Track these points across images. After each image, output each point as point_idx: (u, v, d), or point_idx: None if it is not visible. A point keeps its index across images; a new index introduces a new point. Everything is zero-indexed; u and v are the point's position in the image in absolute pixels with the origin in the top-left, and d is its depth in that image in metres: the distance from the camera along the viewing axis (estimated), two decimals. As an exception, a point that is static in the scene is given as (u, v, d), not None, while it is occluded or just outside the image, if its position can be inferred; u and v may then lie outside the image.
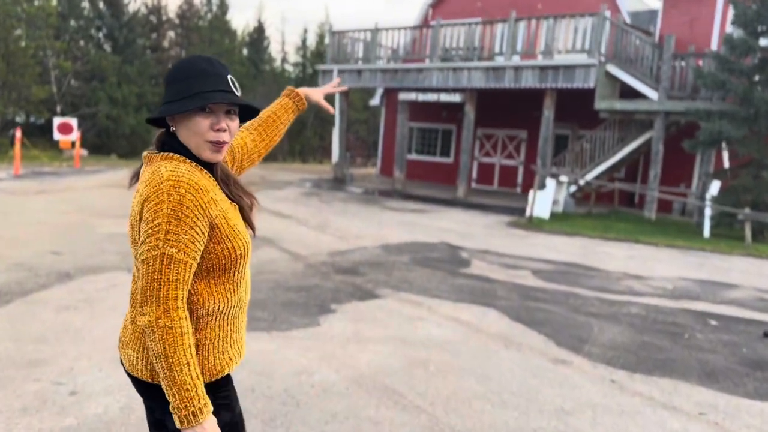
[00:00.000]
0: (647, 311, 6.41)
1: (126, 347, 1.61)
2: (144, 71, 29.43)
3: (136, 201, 1.53)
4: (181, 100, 1.55)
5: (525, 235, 11.51)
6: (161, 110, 1.57)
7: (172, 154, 1.56)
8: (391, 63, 18.63)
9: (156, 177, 1.48)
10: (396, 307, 5.83)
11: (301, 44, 41.93)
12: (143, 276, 1.44)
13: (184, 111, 1.54)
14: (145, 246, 1.45)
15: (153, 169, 1.52)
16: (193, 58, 1.61)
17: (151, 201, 1.45)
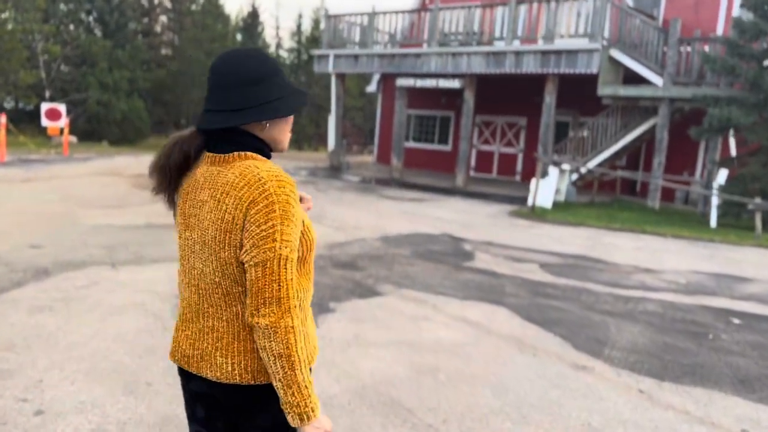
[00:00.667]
0: (664, 308, 6.04)
1: (211, 357, 1.55)
2: (135, 56, 28.78)
3: (230, 204, 1.47)
4: (289, 96, 1.57)
5: (528, 226, 11.13)
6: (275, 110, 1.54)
7: (251, 153, 1.55)
8: (389, 48, 18.12)
9: (255, 178, 1.46)
10: (399, 305, 5.43)
11: (296, 29, 41.29)
12: (259, 279, 1.44)
13: (302, 106, 1.60)
14: (260, 249, 1.44)
15: (242, 171, 1.49)
16: (257, 49, 1.61)
17: (260, 203, 1.44)
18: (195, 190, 1.55)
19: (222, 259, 1.49)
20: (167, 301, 5.07)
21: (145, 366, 3.74)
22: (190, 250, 1.57)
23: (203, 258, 1.53)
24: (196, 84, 30.92)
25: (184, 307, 1.62)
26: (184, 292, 1.61)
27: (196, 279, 1.56)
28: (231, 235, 1.47)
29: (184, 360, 1.60)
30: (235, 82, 1.51)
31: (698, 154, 16.97)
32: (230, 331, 1.53)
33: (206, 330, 1.56)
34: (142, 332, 4.30)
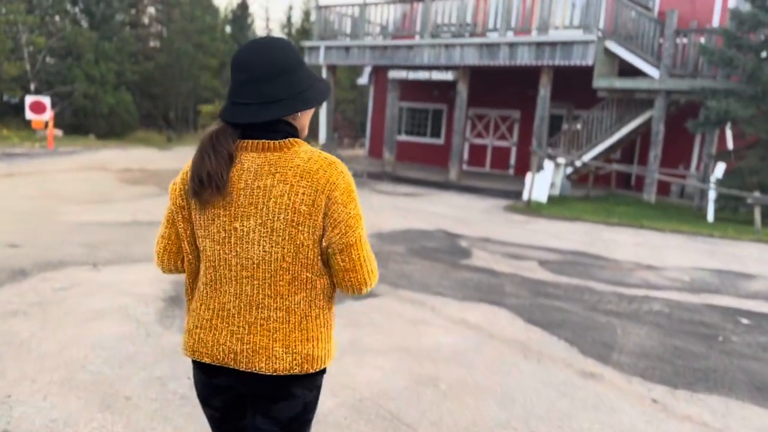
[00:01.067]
0: (670, 308, 5.82)
1: (267, 350, 1.54)
2: (123, 48, 28.27)
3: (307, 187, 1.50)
4: (318, 81, 1.62)
5: (525, 221, 10.90)
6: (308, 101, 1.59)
7: (299, 140, 1.59)
8: (381, 39, 17.80)
9: (326, 161, 1.54)
10: (396, 307, 5.18)
11: (286, 21, 40.84)
12: (357, 256, 1.55)
13: (329, 94, 1.65)
14: (353, 229, 1.53)
15: (309, 155, 1.54)
16: (281, 39, 1.61)
17: (340, 185, 1.51)
18: (246, 178, 1.52)
19: (299, 242, 1.50)
20: (151, 304, 4.80)
21: (125, 377, 3.47)
22: (242, 240, 1.53)
23: (266, 245, 1.51)
24: (185, 76, 30.47)
25: (224, 303, 1.56)
26: (226, 286, 1.56)
27: (251, 269, 1.53)
28: (311, 217, 1.50)
29: (229, 357, 1.55)
30: (272, 73, 1.53)
31: (693, 147, 16.81)
32: (291, 320, 1.54)
33: (260, 321, 1.54)
34: (122, 339, 4.03)
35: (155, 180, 12.67)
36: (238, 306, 1.55)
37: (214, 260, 1.57)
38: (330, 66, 18.89)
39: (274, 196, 1.50)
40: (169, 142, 25.89)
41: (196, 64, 30.79)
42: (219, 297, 1.57)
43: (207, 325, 1.59)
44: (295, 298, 1.54)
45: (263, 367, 1.53)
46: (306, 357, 1.54)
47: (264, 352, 1.53)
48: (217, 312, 1.57)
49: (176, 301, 4.91)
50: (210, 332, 1.58)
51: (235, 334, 1.55)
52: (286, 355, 1.53)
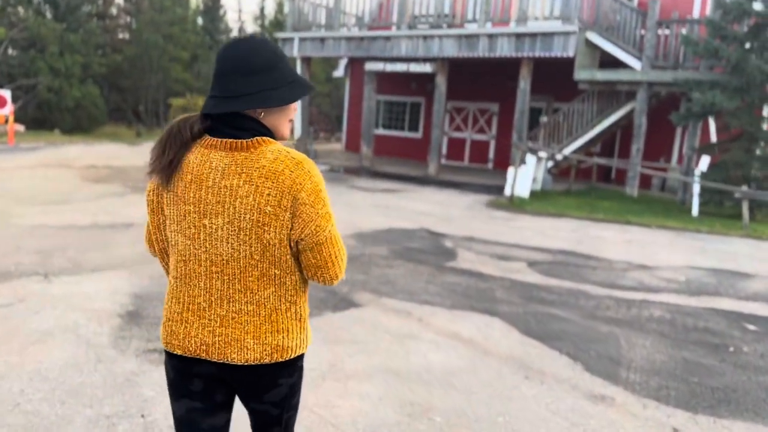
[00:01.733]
0: (671, 313, 5.46)
1: (239, 342, 1.58)
2: (89, 40, 27.30)
3: (272, 188, 1.52)
4: (290, 84, 1.62)
5: (509, 218, 10.51)
6: (286, 97, 1.60)
7: (269, 138, 1.59)
8: (355, 30, 17.26)
9: (292, 161, 1.54)
10: (379, 319, 4.72)
11: (259, 13, 40.01)
12: (330, 253, 1.62)
13: (297, 99, 1.64)
14: (323, 228, 1.57)
15: (275, 155, 1.54)
16: (265, 39, 1.63)
17: (307, 185, 1.53)
18: (214, 176, 1.54)
19: (266, 241, 1.53)
20: (105, 322, 4.27)
21: (67, 417, 2.96)
22: (210, 237, 1.56)
23: (235, 243, 1.54)
24: (155, 69, 29.58)
25: (194, 296, 1.60)
26: (196, 280, 1.59)
27: (220, 265, 1.56)
28: (277, 218, 1.52)
29: (202, 349, 1.60)
30: (234, 70, 1.55)
31: (674, 139, 16.61)
32: (261, 313, 1.58)
33: (231, 315, 1.58)
34: (68, 367, 3.51)
35: (121, 177, 12.03)
36: (209, 300, 1.58)
37: (185, 255, 1.60)
38: (304, 58, 18.32)
39: (240, 197, 1.52)
40: (139, 137, 25.05)
41: (166, 56, 29.90)
42: (189, 291, 1.61)
43: (178, 318, 1.63)
44: (264, 293, 1.58)
45: (235, 358, 1.58)
46: (275, 347, 1.59)
47: (236, 343, 1.57)
48: (187, 305, 1.61)
49: (134, 318, 4.39)
50: (181, 325, 1.62)
51: (206, 327, 1.59)
52: (256, 345, 1.58)
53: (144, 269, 5.68)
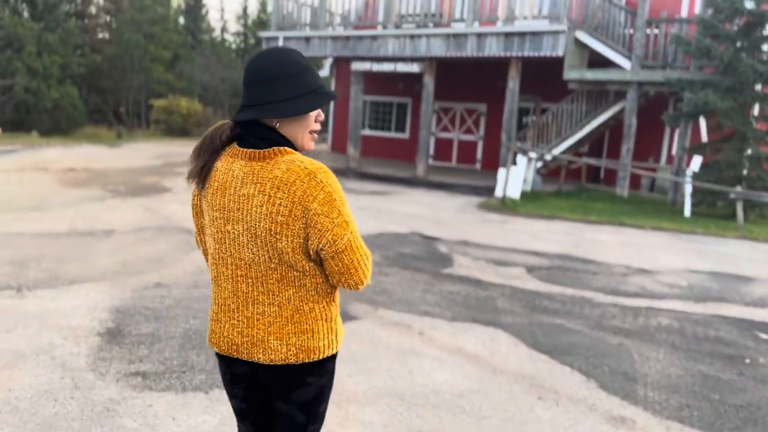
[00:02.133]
0: (679, 321, 5.24)
1: (264, 342, 1.64)
2: (68, 40, 26.72)
3: (283, 198, 1.55)
4: (308, 95, 1.63)
5: (502, 221, 10.28)
6: (295, 107, 1.61)
7: (287, 148, 1.61)
8: (340, 29, 16.96)
9: (304, 172, 1.56)
10: (378, 333, 4.45)
11: (241, 12, 39.55)
12: (353, 259, 1.63)
13: (323, 106, 1.67)
14: (341, 237, 1.59)
15: (288, 165, 1.57)
16: (290, 50, 1.65)
17: (319, 195, 1.55)
18: (235, 185, 1.61)
19: (279, 248, 1.58)
20: (83, 341, 3.95)
21: (39, 456, 2.66)
22: (234, 242, 1.63)
23: (254, 248, 1.61)
24: (136, 69, 29.02)
25: (225, 298, 1.68)
26: (225, 283, 1.68)
27: (244, 269, 1.64)
28: (288, 227, 1.57)
29: (233, 348, 1.69)
30: (254, 80, 1.60)
31: (663, 139, 16.53)
32: (283, 315, 1.64)
33: (256, 316, 1.65)
34: (41, 395, 3.20)
35: (101, 181, 11.64)
36: (236, 302, 1.66)
37: (216, 258, 1.69)
38: (289, 57, 17.96)
39: (255, 206, 1.57)
40: (120, 139, 24.54)
41: (147, 57, 29.36)
42: (221, 293, 1.69)
43: (215, 317, 1.73)
44: (285, 294, 1.62)
45: (261, 358, 1.64)
46: (301, 347, 1.63)
47: (261, 344, 1.64)
48: (221, 306, 1.70)
49: (115, 337, 4.07)
50: (218, 324, 1.72)
51: (235, 328, 1.67)
52: (281, 346, 1.62)
53: (125, 281, 5.36)
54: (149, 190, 10.99)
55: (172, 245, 6.89)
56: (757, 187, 11.67)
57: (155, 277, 5.55)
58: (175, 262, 6.18)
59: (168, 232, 7.59)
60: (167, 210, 9.09)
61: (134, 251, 6.49)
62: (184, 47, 33.35)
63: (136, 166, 14.57)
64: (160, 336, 4.12)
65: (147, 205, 9.36)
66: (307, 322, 1.64)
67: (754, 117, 12.12)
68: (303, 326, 1.63)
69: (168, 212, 8.91)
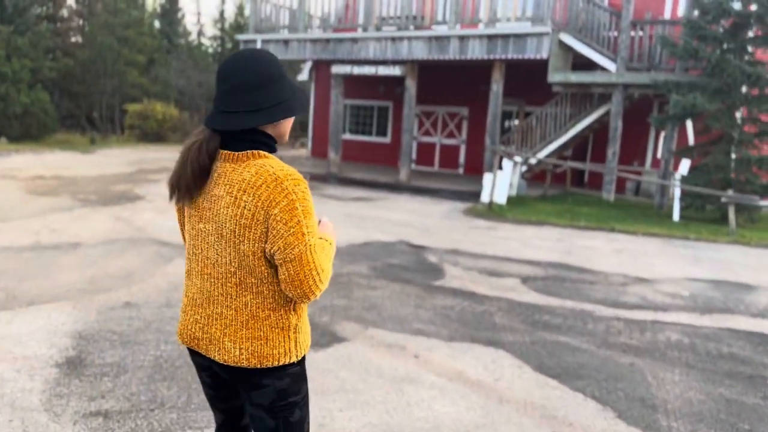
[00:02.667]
0: (688, 337, 4.93)
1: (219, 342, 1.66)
2: (38, 43, 25.94)
3: (248, 201, 1.57)
4: (293, 98, 1.69)
5: (490, 227, 9.95)
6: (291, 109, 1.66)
7: (263, 152, 1.64)
8: (319, 32, 16.57)
9: (271, 177, 1.57)
10: (370, 357, 4.05)
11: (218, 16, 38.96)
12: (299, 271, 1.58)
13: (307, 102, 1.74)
14: (293, 246, 1.57)
15: (257, 170, 1.58)
16: (268, 52, 1.69)
17: (281, 202, 1.55)
18: (210, 184, 1.64)
19: (241, 251, 1.60)
20: (38, 373, 3.50)
21: None
22: (203, 241, 1.67)
23: (219, 249, 1.64)
24: (110, 73, 28.31)
25: (194, 293, 1.72)
26: (195, 278, 1.71)
27: (209, 268, 1.67)
28: (251, 230, 1.59)
29: (193, 342, 1.72)
30: (257, 83, 1.60)
31: (648, 143, 16.37)
32: (238, 319, 1.65)
33: (215, 316, 1.67)
34: (-16, 444, 2.76)
35: (71, 189, 11.09)
36: (201, 298, 1.70)
37: (190, 254, 1.74)
38: (268, 61, 17.53)
39: (222, 206, 1.60)
40: (93, 144, 23.85)
41: (121, 60, 28.65)
42: (191, 287, 1.73)
43: (183, 309, 1.77)
44: (242, 300, 1.63)
45: (216, 357, 1.67)
46: (253, 353, 1.63)
47: (217, 343, 1.66)
48: (190, 299, 1.74)
49: (75, 368, 3.63)
50: (184, 316, 1.76)
51: (198, 323, 1.71)
52: (234, 349, 1.63)
53: (91, 300, 4.90)
54: (121, 198, 10.48)
55: (143, 258, 6.43)
56: (746, 191, 11.50)
57: (124, 295, 5.10)
58: (147, 277, 5.72)
59: (140, 243, 7.11)
60: (140, 220, 8.60)
61: (102, 265, 6.02)
62: (159, 51, 32.68)
63: (108, 173, 14.01)
64: (126, 365, 3.69)
65: (118, 215, 8.87)
66: (262, 329, 1.64)
67: (742, 119, 11.95)
68: (257, 332, 1.64)
69: (140, 222, 8.42)
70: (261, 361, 1.63)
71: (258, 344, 1.63)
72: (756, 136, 11.78)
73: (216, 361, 1.68)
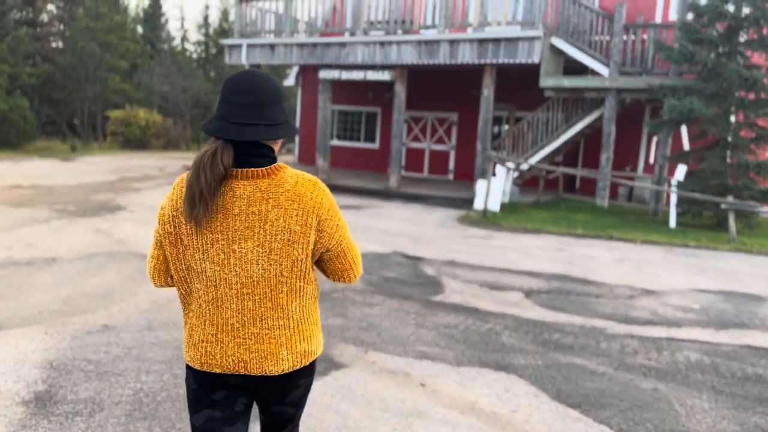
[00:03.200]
0: (708, 356, 4.62)
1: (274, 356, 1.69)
2: (17, 49, 25.41)
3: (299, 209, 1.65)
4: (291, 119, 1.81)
5: (486, 236, 9.63)
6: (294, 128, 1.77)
7: (282, 164, 1.72)
8: (306, 36, 16.22)
9: (310, 184, 1.69)
10: (372, 387, 3.70)
11: (202, 21, 38.48)
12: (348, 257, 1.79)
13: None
14: (342, 238, 1.75)
15: (295, 180, 1.67)
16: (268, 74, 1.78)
17: (325, 204, 1.69)
18: (240, 204, 1.63)
19: (295, 258, 1.66)
20: (4, 413, 3.10)
21: None
22: (241, 261, 1.64)
23: (265, 264, 1.65)
24: (91, 79, 27.77)
25: (227, 318, 1.68)
26: (229, 303, 1.67)
27: (249, 287, 1.66)
28: (304, 236, 1.66)
29: (240, 365, 1.68)
30: (274, 100, 1.70)
31: (640, 148, 16.19)
32: (291, 326, 1.71)
33: (264, 331, 1.68)
34: (-68, 506, 2.37)
35: (49, 199, 10.64)
36: (242, 320, 1.67)
37: (215, 280, 1.66)
38: (254, 66, 17.17)
39: (270, 220, 1.63)
40: (74, 152, 23.30)
41: (103, 66, 28.12)
42: (222, 313, 1.68)
43: (213, 339, 1.69)
44: (292, 306, 1.70)
45: (273, 370, 1.69)
46: (304, 354, 1.73)
47: (272, 357, 1.69)
48: (221, 327, 1.68)
49: (44, 405, 3.24)
50: (217, 346, 1.69)
51: (242, 345, 1.68)
52: (290, 355, 1.70)
53: (65, 324, 4.50)
54: (101, 208, 10.04)
55: (124, 275, 6.02)
56: (743, 196, 11.30)
57: (102, 317, 4.70)
58: (127, 296, 5.33)
59: (120, 258, 6.71)
60: (121, 232, 8.19)
61: (79, 284, 5.62)
62: (142, 56, 32.15)
63: (89, 182, 13.54)
64: (102, 401, 3.31)
65: (98, 227, 8.44)
66: (309, 329, 1.75)
67: (738, 123, 11.77)
68: (305, 333, 1.73)
69: (121, 234, 8.01)
70: (308, 359, 1.74)
71: (305, 344, 1.73)
72: (753, 140, 11.60)
73: (260, 376, 1.70)
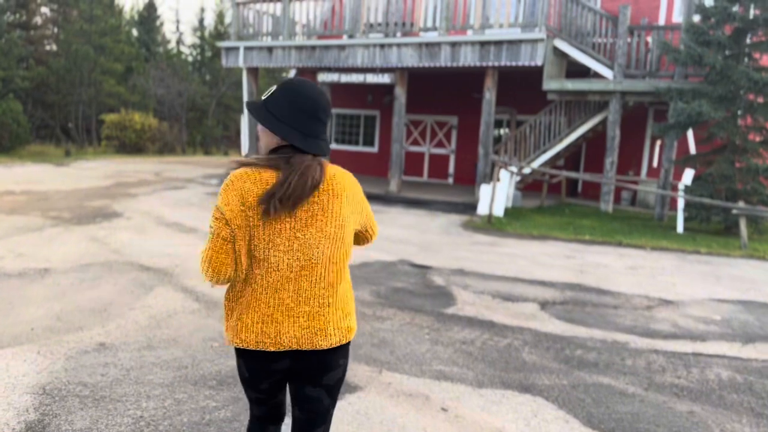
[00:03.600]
0: (740, 373, 4.38)
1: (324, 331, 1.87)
2: (10, 52, 25.12)
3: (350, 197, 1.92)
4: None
5: (492, 243, 9.39)
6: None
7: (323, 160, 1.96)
8: (303, 38, 15.96)
9: (347, 175, 1.97)
10: (389, 411, 3.44)
11: (198, 24, 38.19)
12: (373, 225, 2.10)
13: None
14: (368, 212, 2.05)
15: (336, 172, 1.93)
16: None
17: (358, 190, 1.99)
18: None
19: (345, 240, 1.89)
20: (-11, 448, 2.84)
21: None
22: (303, 246, 1.82)
23: (323, 248, 1.84)
24: (85, 82, 27.45)
25: (284, 299, 1.84)
26: (288, 284, 1.83)
27: (308, 269, 1.84)
28: (353, 217, 1.93)
29: (293, 341, 1.85)
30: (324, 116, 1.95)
31: (643, 151, 15.99)
32: (337, 305, 1.90)
33: (316, 309, 1.86)
34: None
35: (42, 206, 10.34)
36: (297, 300, 1.84)
37: (277, 265, 1.82)
38: (251, 69, 16.93)
39: (329, 209, 1.85)
40: (68, 156, 22.96)
41: (97, 69, 27.82)
42: (279, 294, 1.84)
43: (268, 319, 1.84)
44: (341, 285, 1.90)
45: (322, 344, 1.86)
46: (347, 329, 1.92)
47: (321, 333, 1.86)
48: (277, 307, 1.84)
49: (36, 437, 2.97)
50: (272, 325, 1.85)
51: (296, 323, 1.84)
52: (336, 331, 1.89)
53: (59, 342, 4.22)
54: (97, 215, 9.75)
55: (121, 287, 5.75)
56: (752, 201, 11.10)
57: (98, 335, 4.43)
58: (125, 310, 5.06)
59: (117, 269, 6.43)
60: (117, 240, 7.91)
61: (73, 297, 5.34)
62: (137, 59, 31.85)
63: (83, 187, 13.25)
64: (99, 433, 3.04)
65: (93, 235, 8.16)
66: (349, 305, 1.96)
67: (747, 127, 11.57)
68: (347, 309, 1.94)
69: (118, 243, 7.73)
70: (350, 334, 1.93)
71: (348, 321, 1.92)
72: (761, 144, 11.40)
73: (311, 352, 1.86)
